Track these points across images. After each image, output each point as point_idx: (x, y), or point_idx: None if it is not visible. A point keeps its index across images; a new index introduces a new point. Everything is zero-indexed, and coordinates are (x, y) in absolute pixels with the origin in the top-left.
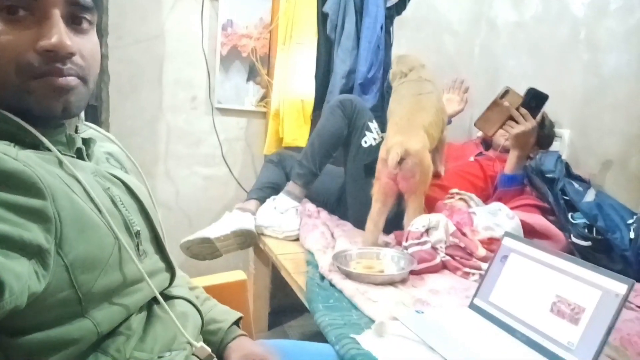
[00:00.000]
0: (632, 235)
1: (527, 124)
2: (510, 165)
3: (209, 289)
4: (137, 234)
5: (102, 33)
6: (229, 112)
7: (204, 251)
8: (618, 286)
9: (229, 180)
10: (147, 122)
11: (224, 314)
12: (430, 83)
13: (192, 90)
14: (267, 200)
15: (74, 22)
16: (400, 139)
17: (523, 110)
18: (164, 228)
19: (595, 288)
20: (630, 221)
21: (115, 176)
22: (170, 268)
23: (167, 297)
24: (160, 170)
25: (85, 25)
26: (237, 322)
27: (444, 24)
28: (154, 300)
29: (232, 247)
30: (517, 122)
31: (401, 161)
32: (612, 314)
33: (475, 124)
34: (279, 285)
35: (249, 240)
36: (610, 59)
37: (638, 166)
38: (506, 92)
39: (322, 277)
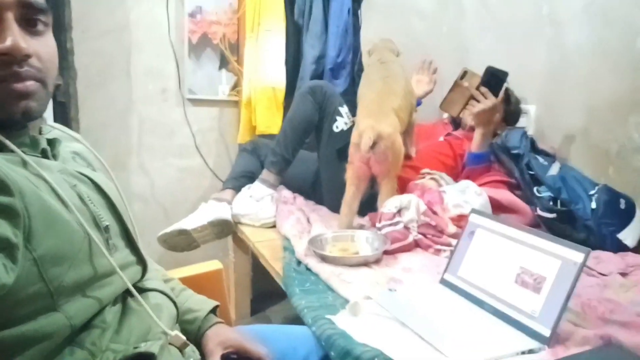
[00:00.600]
0: (593, 205)
1: (487, 102)
2: (476, 143)
3: (185, 280)
4: (106, 228)
5: (66, 28)
6: (201, 102)
7: (182, 243)
8: (576, 255)
9: (203, 171)
10: (118, 114)
11: (200, 304)
12: (398, 65)
13: (162, 81)
14: (243, 189)
15: (28, 24)
16: (371, 122)
17: (483, 89)
18: (139, 221)
19: (555, 258)
20: (592, 192)
21: (82, 174)
22: (141, 261)
23: (141, 290)
24: (134, 162)
25: (40, 27)
26: (214, 311)
27: (411, 6)
28: (129, 293)
29: (210, 237)
30: (478, 101)
31: (373, 145)
32: (571, 282)
33: (440, 106)
34: (259, 272)
35: (226, 229)
36: (571, 33)
37: (598, 138)
38: (465, 73)
39: (299, 262)
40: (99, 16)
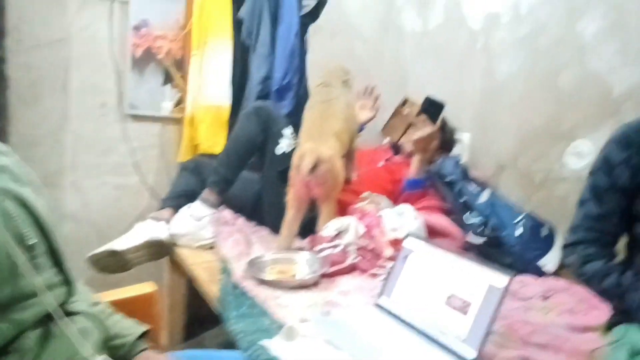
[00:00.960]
0: (519, 231)
1: (424, 130)
2: (413, 169)
3: (118, 304)
4: (31, 247)
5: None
6: (142, 118)
7: (113, 264)
8: (501, 279)
9: (141, 190)
10: (51, 131)
11: (129, 329)
12: (339, 90)
13: (102, 97)
14: (182, 208)
15: None
16: (312, 145)
17: (422, 117)
18: (71, 242)
19: (482, 281)
20: (518, 219)
21: (8, 190)
22: (67, 282)
23: (67, 313)
24: (67, 181)
25: None
26: (144, 335)
27: (355, 31)
28: (51, 316)
29: (144, 259)
30: (417, 129)
31: (314, 168)
32: (495, 305)
33: (381, 131)
34: (195, 296)
35: (161, 250)
36: (503, 65)
37: (526, 167)
38: (406, 101)
39: (236, 285)
40: (37, 26)
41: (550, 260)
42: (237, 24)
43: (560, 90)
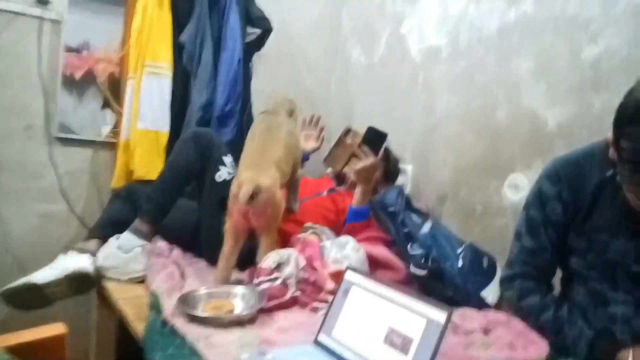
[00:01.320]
0: (460, 263)
1: (366, 160)
2: (356, 199)
3: (23, 347)
4: None
5: None
6: (72, 142)
7: (30, 300)
8: (439, 314)
9: (69, 218)
10: None
11: None
12: (283, 118)
13: (28, 118)
14: (111, 239)
15: None
16: (251, 174)
17: (364, 148)
18: None
19: (421, 317)
20: (459, 250)
21: None
22: None
23: None
24: None
25: None
26: None
27: (302, 60)
28: None
29: (66, 293)
30: (359, 159)
31: (252, 197)
32: (435, 341)
33: (323, 161)
34: (127, 334)
35: (85, 284)
36: (442, 100)
37: (466, 198)
38: (348, 131)
39: (165, 323)
40: None
41: (491, 292)
42: (178, 48)
43: (497, 125)
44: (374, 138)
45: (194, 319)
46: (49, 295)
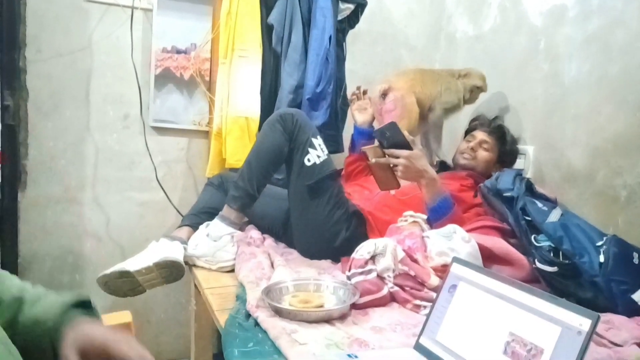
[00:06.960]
0: (601, 258)
1: (399, 160)
2: (426, 198)
3: None
4: None
5: (19, 45)
6: (167, 131)
7: (124, 287)
8: (581, 321)
9: (167, 206)
10: (71, 143)
11: (51, 307)
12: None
13: (124, 108)
14: (201, 226)
15: None
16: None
17: (388, 151)
18: (91, 261)
19: (554, 324)
20: (599, 243)
21: None
22: None
23: None
24: (88, 196)
25: None
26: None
27: (401, 38)
28: None
29: (157, 281)
30: (396, 165)
31: (384, 94)
32: (576, 355)
33: (380, 190)
34: None
35: (175, 272)
36: (570, 68)
37: (605, 181)
38: (365, 153)
39: (248, 315)
40: (57, 35)
41: None
42: (268, 30)
43: None
44: (387, 136)
45: (279, 312)
46: (141, 282)
